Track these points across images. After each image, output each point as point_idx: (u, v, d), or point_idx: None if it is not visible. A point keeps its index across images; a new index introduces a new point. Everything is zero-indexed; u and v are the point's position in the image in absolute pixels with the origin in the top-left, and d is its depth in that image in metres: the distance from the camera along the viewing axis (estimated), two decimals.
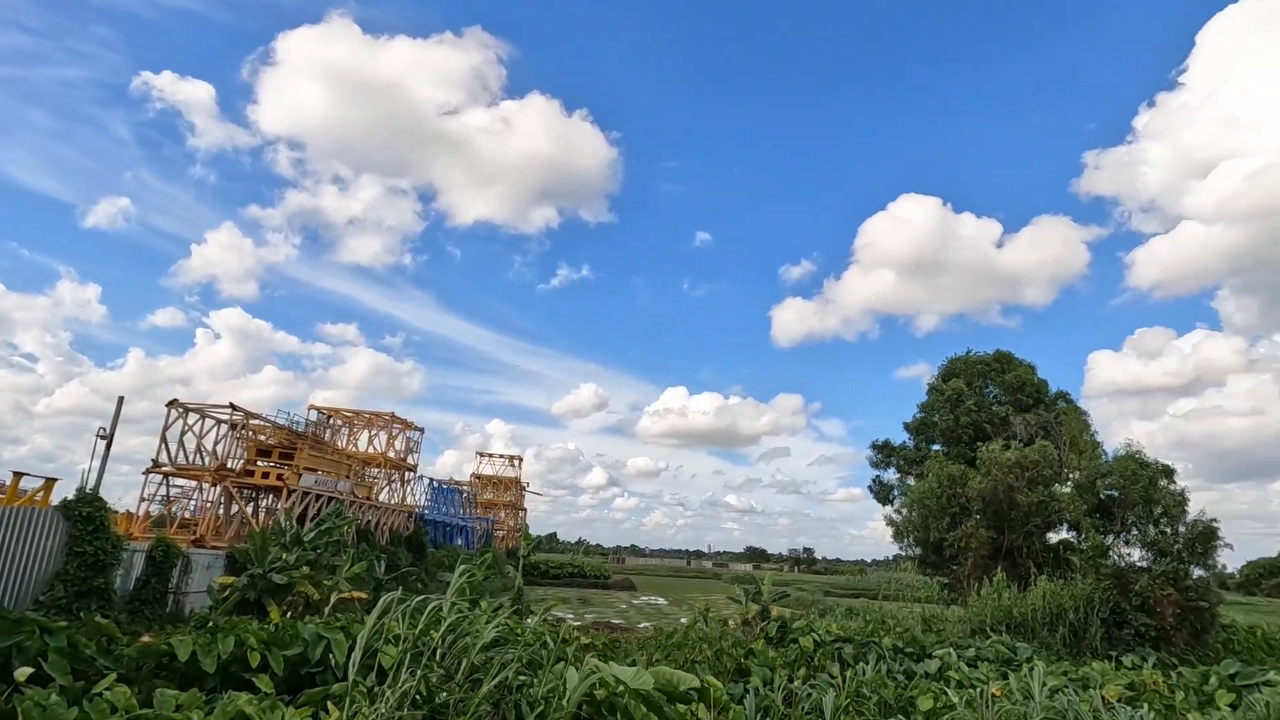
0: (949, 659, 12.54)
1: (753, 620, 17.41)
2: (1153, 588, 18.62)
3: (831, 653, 12.95)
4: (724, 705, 6.40)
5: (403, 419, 43.97)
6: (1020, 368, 30.66)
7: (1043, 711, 6.32)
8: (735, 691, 10.08)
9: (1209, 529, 24.59)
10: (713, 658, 11.89)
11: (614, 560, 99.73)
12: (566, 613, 29.55)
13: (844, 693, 9.61)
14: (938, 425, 30.82)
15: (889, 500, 32.13)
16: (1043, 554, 25.44)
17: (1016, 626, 17.58)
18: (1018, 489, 24.78)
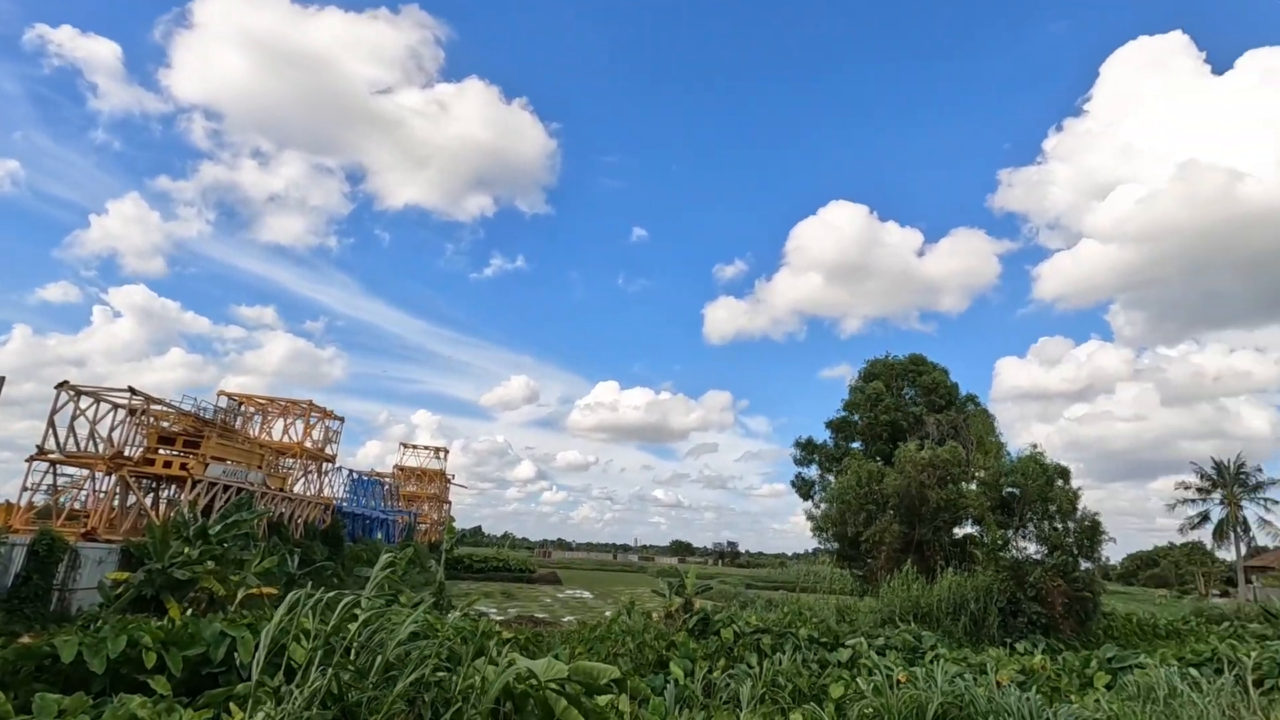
0: (860, 648, 13.07)
1: (676, 613, 17.63)
2: (1045, 579, 20.04)
3: (751, 643, 13.28)
4: (643, 696, 6.48)
5: (321, 407, 42.22)
6: (935, 371, 32.29)
7: (942, 696, 6.70)
8: (656, 683, 10.23)
9: (1095, 525, 26.61)
10: (635, 650, 12.00)
11: (540, 554, 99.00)
12: (490, 607, 29.15)
13: (760, 682, 9.90)
14: (858, 424, 32.08)
15: (810, 496, 33.23)
16: (950, 548, 26.92)
17: (923, 616, 18.55)
18: (929, 486, 26.11)
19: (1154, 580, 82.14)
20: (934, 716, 6.73)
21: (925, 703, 6.83)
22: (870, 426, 31.12)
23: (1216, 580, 68.32)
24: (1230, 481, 45.63)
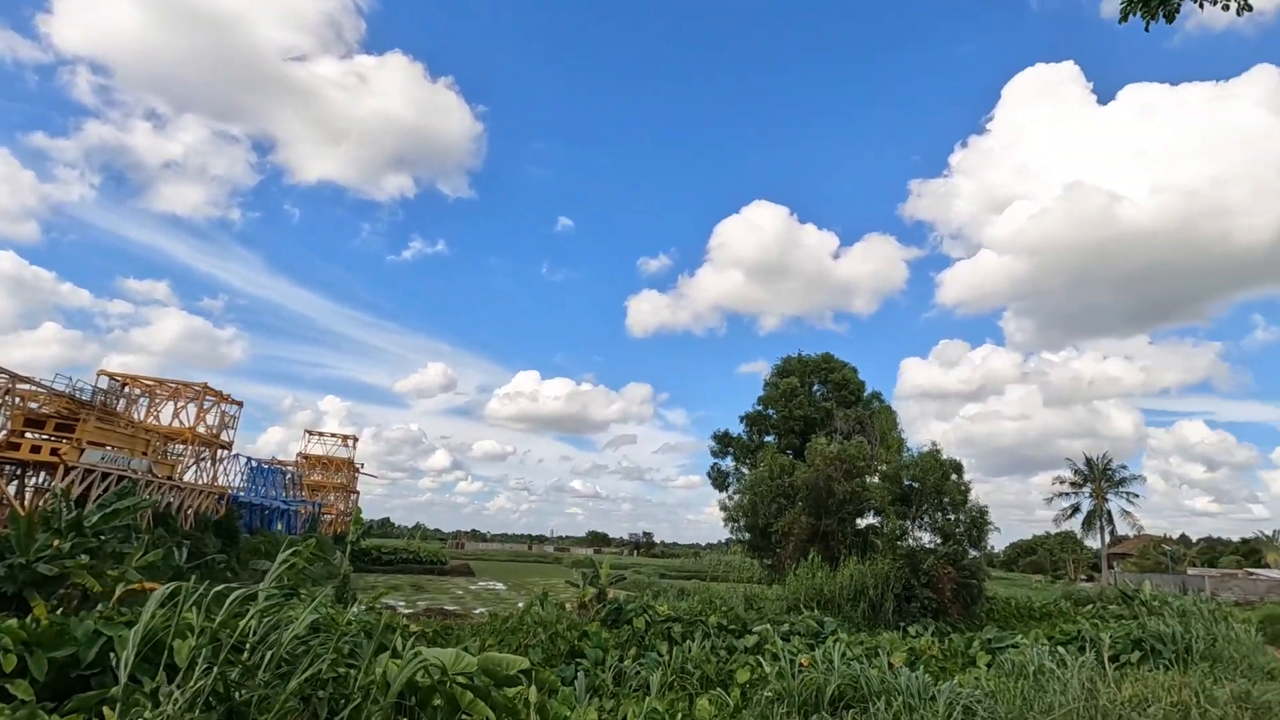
0: (766, 634, 13.53)
1: (589, 603, 17.71)
2: (937, 567, 21.38)
3: (662, 632, 13.49)
4: (552, 686, 6.46)
5: (217, 390, 39.59)
6: (844, 369, 33.75)
7: (839, 678, 7.05)
8: (567, 673, 10.24)
9: (983, 516, 28.62)
10: (547, 641, 11.97)
11: (453, 545, 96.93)
12: (398, 600, 28.29)
13: (669, 669, 10.10)
14: (772, 418, 33.11)
15: (725, 487, 34.08)
16: (853, 538, 28.28)
17: (826, 603, 19.43)
18: (836, 480, 27.30)
19: (1032, 566, 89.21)
20: (831, 697, 7.08)
21: (824, 685, 7.16)
22: (783, 421, 32.19)
23: (1084, 566, 74.91)
24: (1098, 477, 50.14)
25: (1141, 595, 23.05)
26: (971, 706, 5.99)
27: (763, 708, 7.07)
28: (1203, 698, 6.00)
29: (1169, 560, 67.66)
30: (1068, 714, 5.53)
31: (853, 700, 7.09)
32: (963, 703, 6.14)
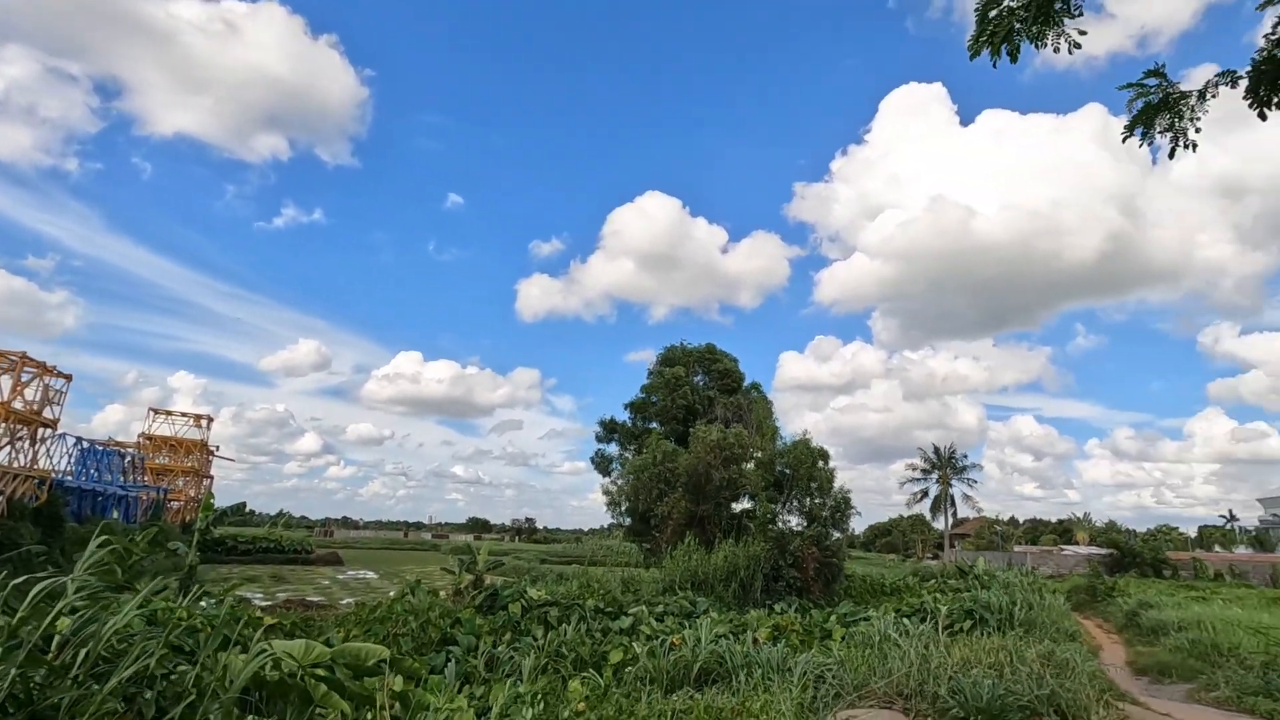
0: (641, 615, 13.85)
1: (465, 590, 17.33)
2: (802, 548, 22.74)
3: (538, 617, 13.46)
4: (419, 675, 6.26)
5: (38, 361, 34.89)
6: (726, 359, 34.96)
7: (705, 654, 7.34)
8: (437, 660, 9.99)
9: (846, 500, 30.73)
10: (418, 629, 11.60)
11: (321, 533, 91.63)
12: (254, 592, 26.36)
13: (543, 653, 10.09)
14: (656, 405, 33.74)
15: (608, 473, 34.39)
16: (728, 522, 29.49)
17: (700, 584, 20.16)
18: (715, 466, 28.31)
19: (887, 546, 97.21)
20: (698, 672, 7.36)
21: (691, 661, 7.43)
22: (666, 409, 32.92)
23: (931, 545, 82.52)
24: (945, 465, 55.29)
25: (975, 571, 25.74)
26: (823, 675, 6.43)
27: (631, 686, 7.23)
28: (1015, 657, 6.79)
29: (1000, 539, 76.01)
30: (904, 676, 6.08)
31: (718, 675, 7.41)
32: (816, 672, 6.58)
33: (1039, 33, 3.75)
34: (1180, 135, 4.01)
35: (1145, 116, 4.09)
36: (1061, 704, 5.75)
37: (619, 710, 5.17)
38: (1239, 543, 72.31)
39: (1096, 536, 63.18)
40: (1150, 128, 4.10)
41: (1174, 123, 4.00)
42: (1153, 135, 4.11)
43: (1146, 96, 4.05)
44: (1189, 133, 3.98)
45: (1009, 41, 3.79)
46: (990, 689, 5.55)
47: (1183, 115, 3.98)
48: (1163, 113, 4.01)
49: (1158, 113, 4.03)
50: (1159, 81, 4.02)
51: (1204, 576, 39.00)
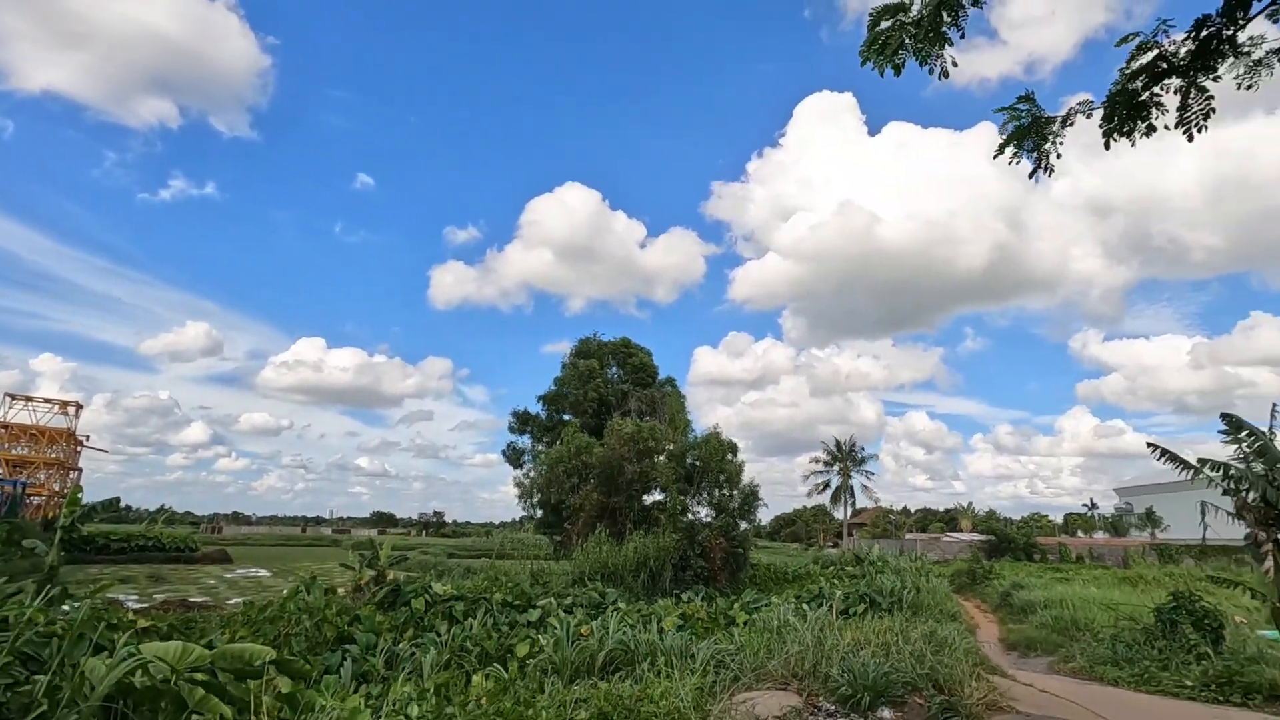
0: (550, 608, 13.79)
1: (366, 586, 16.67)
2: (710, 538, 23.31)
3: (443, 612, 13.15)
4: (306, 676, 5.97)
5: None
6: (641, 353, 35.25)
7: (611, 644, 7.39)
8: (332, 660, 9.57)
9: (754, 492, 31.72)
10: (312, 628, 11.07)
11: (209, 530, 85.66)
12: (128, 593, 24.30)
13: (447, 648, 9.86)
14: (569, 398, 33.59)
15: (520, 464, 33.97)
16: (639, 514, 29.79)
17: (610, 575, 20.27)
18: (629, 459, 28.51)
19: (791, 536, 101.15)
20: (603, 661, 7.40)
21: (597, 651, 7.47)
22: (580, 401, 32.83)
23: (831, 534, 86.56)
24: (845, 457, 58.07)
25: (870, 557, 27.20)
26: (724, 659, 6.62)
27: (535, 678, 7.18)
28: (901, 637, 7.23)
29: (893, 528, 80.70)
30: (800, 658, 6.35)
31: (623, 663, 7.48)
32: (717, 657, 6.77)
33: (925, 51, 4.00)
34: (1044, 157, 4.41)
35: (1015, 138, 4.46)
36: (939, 679, 6.18)
37: (517, 702, 5.12)
38: (1098, 528, 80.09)
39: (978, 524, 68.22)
40: (1019, 148, 4.47)
41: (1038, 145, 4.39)
42: (1020, 156, 4.49)
43: (1018, 119, 4.42)
44: (1051, 156, 4.39)
45: (895, 56, 4.03)
46: (876, 667, 5.90)
47: (1047, 139, 4.38)
48: (1030, 135, 4.39)
49: (1026, 135, 4.41)
50: (1029, 107, 4.40)
51: (1068, 559, 42.96)
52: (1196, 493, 12.45)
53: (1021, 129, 4.40)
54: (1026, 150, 4.46)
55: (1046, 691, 7.51)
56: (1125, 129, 3.95)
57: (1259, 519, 10.10)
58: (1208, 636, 10.82)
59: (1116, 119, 3.95)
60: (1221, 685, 8.75)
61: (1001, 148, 4.50)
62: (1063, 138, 4.35)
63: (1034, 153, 4.44)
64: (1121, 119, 3.93)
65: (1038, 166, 4.44)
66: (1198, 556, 39.07)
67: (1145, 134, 3.96)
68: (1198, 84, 3.65)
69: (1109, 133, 4.03)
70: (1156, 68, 3.72)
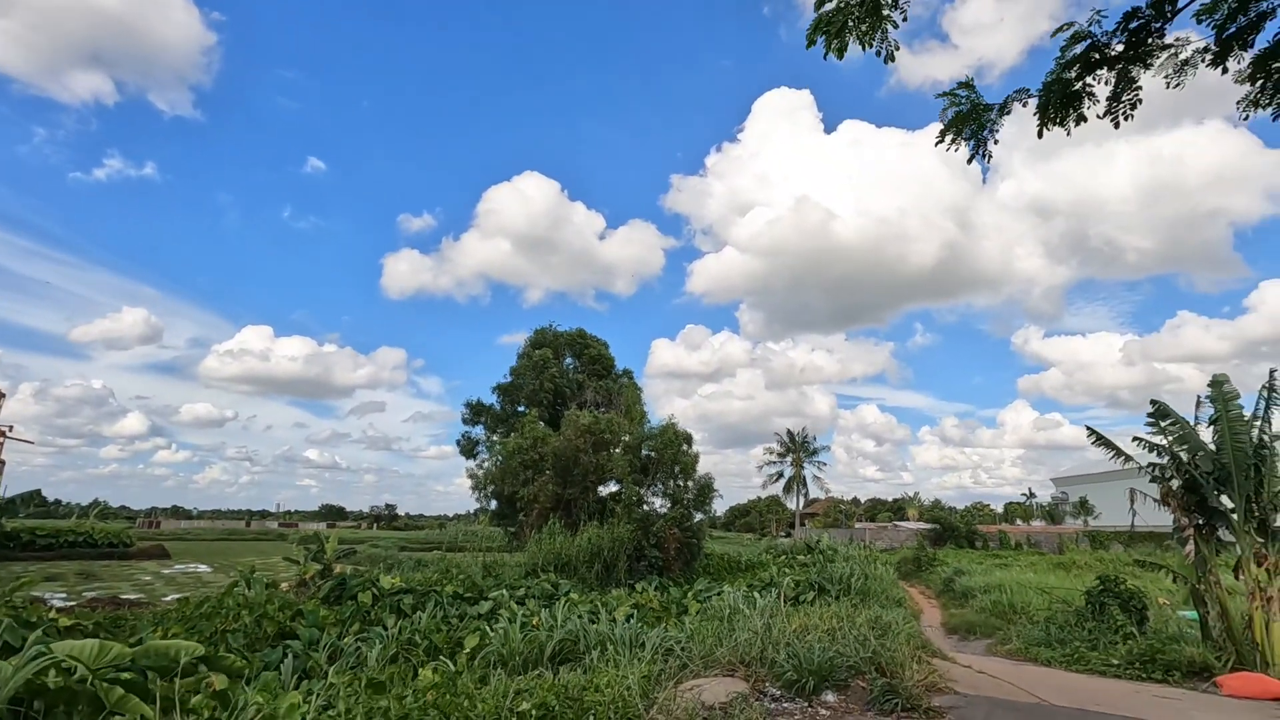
0: (502, 599, 13.64)
1: (311, 580, 16.22)
2: (665, 529, 23.45)
3: (391, 605, 12.89)
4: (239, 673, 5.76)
5: None
6: (597, 344, 35.11)
7: (560, 634, 7.33)
8: (273, 656, 9.27)
9: (708, 484, 31.98)
10: (252, 624, 10.70)
11: (146, 525, 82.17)
12: (55, 591, 23.13)
13: (395, 642, 9.64)
14: (525, 388, 33.26)
15: (474, 456, 33.52)
16: (595, 505, 29.73)
17: (564, 566, 20.18)
18: (584, 450, 28.38)
19: (745, 526, 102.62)
20: (552, 652, 7.34)
21: (546, 641, 7.40)
22: (535, 392, 32.54)
23: (784, 524, 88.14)
24: (798, 448, 59.12)
25: (821, 546, 27.78)
26: (673, 648, 6.64)
27: (482, 669, 7.08)
28: (847, 623, 7.37)
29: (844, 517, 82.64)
30: (748, 645, 6.41)
31: (573, 653, 7.43)
32: (666, 645, 6.78)
33: (867, 33, 4.03)
34: (982, 144, 4.50)
35: (955, 124, 4.54)
36: (882, 662, 6.33)
37: (455, 694, 5.01)
38: (1036, 517, 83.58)
39: (924, 513, 70.41)
40: (958, 134, 4.55)
41: (976, 133, 4.47)
42: (959, 142, 4.57)
43: (957, 106, 4.49)
44: (988, 143, 4.49)
45: (839, 38, 4.05)
46: (821, 652, 6.00)
47: (985, 126, 4.47)
48: (969, 122, 4.47)
49: (965, 121, 4.49)
50: (968, 94, 4.47)
51: (1007, 546, 44.72)
52: (1127, 482, 13.07)
53: (961, 115, 4.47)
54: (965, 137, 4.53)
55: (984, 673, 7.77)
56: (1058, 118, 4.07)
57: (1181, 505, 10.64)
58: (1133, 617, 11.38)
59: (1051, 108, 4.05)
60: (1145, 663, 9.21)
61: (942, 134, 4.57)
62: (1000, 126, 4.45)
63: (972, 140, 4.52)
64: (1056, 108, 4.03)
65: (975, 153, 4.53)
66: (1126, 542, 41.15)
67: (1076, 123, 4.08)
68: (1128, 75, 3.77)
69: (1043, 121, 4.14)
70: (1090, 58, 3.83)
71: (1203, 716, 6.28)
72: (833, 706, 5.45)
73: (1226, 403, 10.23)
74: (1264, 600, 9.44)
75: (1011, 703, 6.28)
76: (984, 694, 6.46)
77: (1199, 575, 10.26)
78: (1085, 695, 7.03)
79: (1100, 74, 3.88)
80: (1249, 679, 7.98)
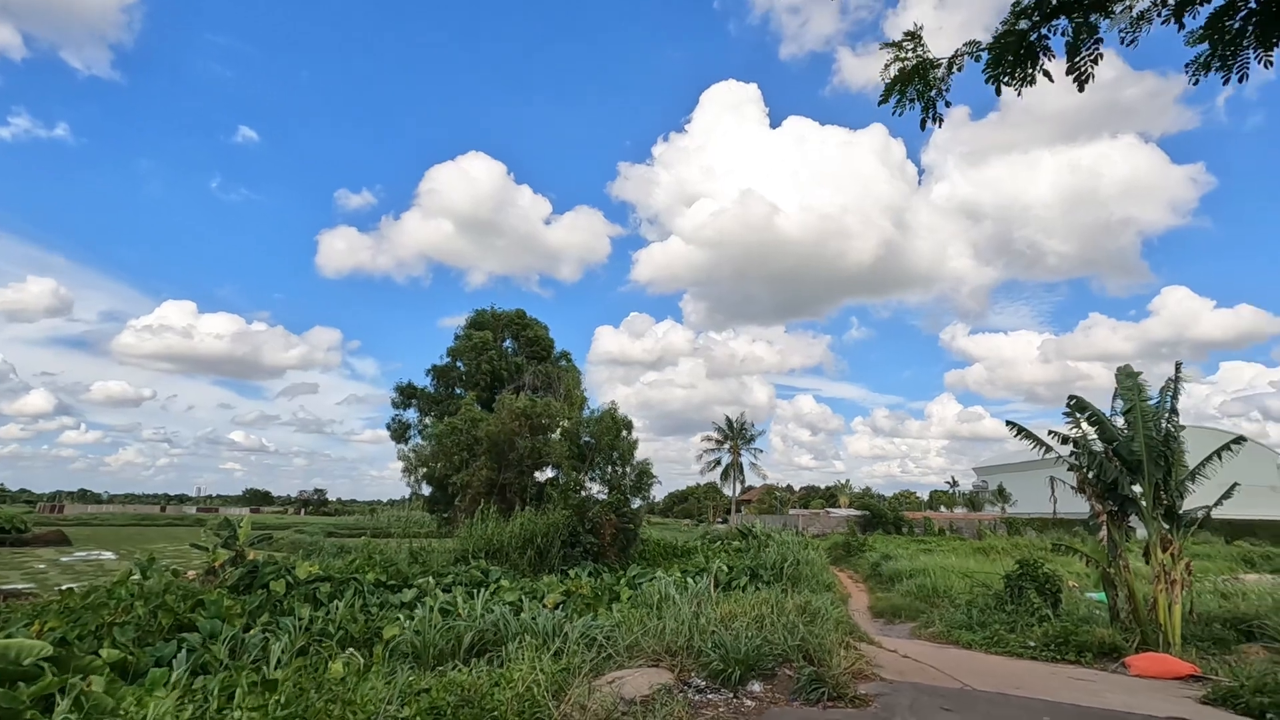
0: (426, 587, 13.11)
1: (221, 568, 15.21)
2: (601, 514, 23.17)
3: (306, 594, 12.20)
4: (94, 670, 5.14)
5: None
6: (537, 326, 34.40)
7: (480, 624, 6.93)
8: (165, 651, 8.56)
9: (646, 470, 31.89)
10: (146, 616, 9.86)
11: (47, 509, 76.74)
12: None
13: (306, 633, 9.03)
14: (461, 370, 32.33)
15: (406, 439, 32.43)
16: (531, 491, 29.20)
17: (496, 553, 19.65)
18: (520, 434, 27.78)
19: (684, 513, 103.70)
20: (471, 643, 6.94)
21: (464, 632, 6.99)
22: (472, 374, 31.66)
23: (721, 510, 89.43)
24: (736, 435, 59.87)
25: (755, 532, 28.10)
26: (596, 638, 6.34)
27: (394, 663, 6.62)
28: (776, 609, 7.24)
29: (779, 504, 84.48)
30: (675, 634, 6.18)
31: (494, 645, 7.05)
32: (591, 635, 6.48)
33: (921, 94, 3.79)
34: (930, 106, 4.25)
35: (900, 82, 4.27)
36: (810, 649, 6.21)
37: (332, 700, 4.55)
38: (958, 504, 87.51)
39: (855, 501, 72.66)
40: (903, 95, 4.30)
41: (923, 92, 4.22)
42: (905, 105, 4.31)
43: (902, 60, 4.21)
44: (938, 105, 4.25)
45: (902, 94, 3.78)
46: (749, 641, 5.82)
47: (932, 85, 4.22)
48: (915, 80, 4.21)
49: (911, 79, 4.23)
50: (914, 45, 4.20)
51: (931, 532, 46.53)
52: (1043, 471, 13.53)
53: (905, 72, 4.21)
54: (910, 98, 4.28)
55: (909, 657, 7.80)
56: (1013, 73, 3.86)
57: (1096, 493, 11.03)
58: (1048, 600, 11.78)
59: (1004, 64, 3.85)
60: (1059, 645, 9.50)
61: (887, 93, 4.31)
62: (949, 85, 4.22)
63: (918, 100, 4.27)
64: (1009, 64, 3.83)
65: (926, 116, 4.29)
66: (1039, 528, 43.39)
67: (1030, 83, 3.89)
68: (1088, 23, 3.59)
69: (995, 78, 3.93)
70: (1046, 5, 3.63)
71: (1114, 697, 6.43)
72: (758, 697, 5.26)
73: (1140, 392, 10.61)
74: (1168, 583, 9.87)
75: (936, 688, 6.27)
76: (909, 680, 6.44)
77: (1110, 560, 10.66)
78: (1006, 679, 7.12)
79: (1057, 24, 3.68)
80: (1154, 659, 8.30)
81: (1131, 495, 10.65)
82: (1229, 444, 10.42)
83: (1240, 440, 10.56)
